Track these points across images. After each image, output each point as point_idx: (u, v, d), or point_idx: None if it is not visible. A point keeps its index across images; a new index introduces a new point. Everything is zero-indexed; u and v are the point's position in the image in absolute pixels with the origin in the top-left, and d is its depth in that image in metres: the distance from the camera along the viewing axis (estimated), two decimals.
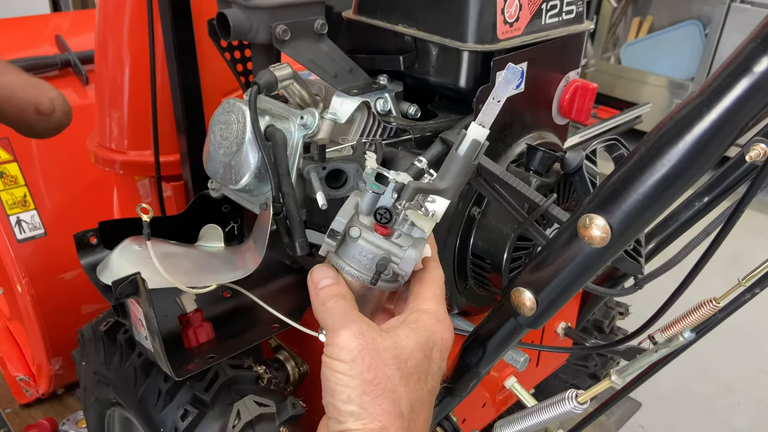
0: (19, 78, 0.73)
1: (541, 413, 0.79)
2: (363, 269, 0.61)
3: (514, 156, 0.99)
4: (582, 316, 1.34)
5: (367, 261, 0.61)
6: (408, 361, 0.59)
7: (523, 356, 1.04)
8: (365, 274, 0.61)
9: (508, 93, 0.58)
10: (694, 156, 0.51)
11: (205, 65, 1.29)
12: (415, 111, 1.02)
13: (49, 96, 0.73)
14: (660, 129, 0.53)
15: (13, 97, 0.71)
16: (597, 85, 1.05)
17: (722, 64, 0.50)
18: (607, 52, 4.55)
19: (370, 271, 0.61)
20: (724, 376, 2.47)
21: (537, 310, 0.66)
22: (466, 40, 0.90)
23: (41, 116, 0.72)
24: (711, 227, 0.93)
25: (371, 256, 0.60)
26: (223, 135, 0.93)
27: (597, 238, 0.57)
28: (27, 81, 0.73)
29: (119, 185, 1.69)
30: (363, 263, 0.61)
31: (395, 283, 0.62)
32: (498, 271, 0.95)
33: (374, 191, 0.60)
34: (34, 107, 0.72)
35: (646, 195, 0.54)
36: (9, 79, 0.72)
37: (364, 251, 0.60)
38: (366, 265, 0.61)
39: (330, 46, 1.01)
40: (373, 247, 0.60)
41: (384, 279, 0.61)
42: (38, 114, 0.72)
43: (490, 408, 1.17)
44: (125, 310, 0.98)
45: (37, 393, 1.94)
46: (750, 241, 3.13)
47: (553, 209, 0.81)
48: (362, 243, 0.60)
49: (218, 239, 1.08)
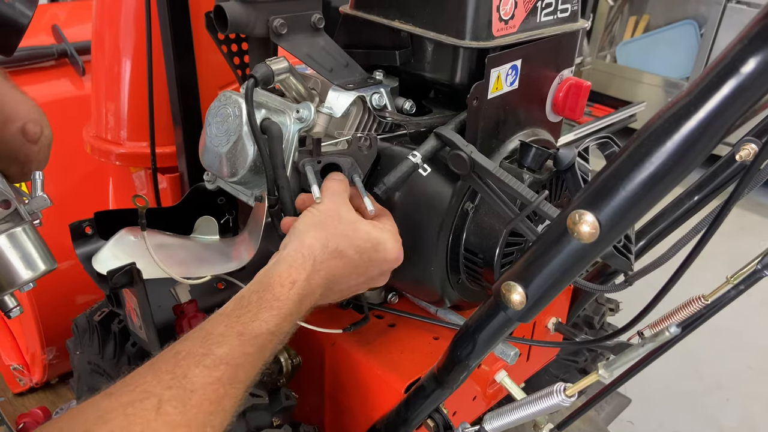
0: (11, 91, 0.70)
1: (529, 406, 0.80)
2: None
3: (508, 152, 1.00)
4: (572, 312, 1.35)
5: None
6: (348, 240, 0.80)
7: (513, 350, 1.05)
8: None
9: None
10: (681, 154, 0.52)
11: (202, 57, 1.29)
12: (411, 106, 1.03)
13: (39, 121, 0.71)
14: (648, 127, 0.54)
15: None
16: (591, 83, 1.06)
17: (710, 64, 0.51)
18: (603, 50, 4.56)
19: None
20: (713, 373, 2.49)
21: (526, 304, 0.67)
22: (461, 37, 0.91)
23: (27, 139, 0.69)
24: (701, 225, 0.94)
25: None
26: (219, 127, 0.94)
27: (586, 233, 0.58)
28: (18, 97, 0.70)
29: (115, 176, 1.69)
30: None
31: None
32: (490, 266, 0.96)
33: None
34: (21, 126, 0.69)
35: (635, 192, 0.55)
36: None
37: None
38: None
39: (327, 40, 1.02)
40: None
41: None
42: (24, 134, 0.69)
43: (480, 401, 1.18)
44: (119, 299, 0.99)
45: (30, 382, 1.95)
46: (742, 240, 3.15)
47: (545, 206, 0.82)
48: None
49: (213, 231, 1.09)
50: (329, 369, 1.13)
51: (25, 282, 0.70)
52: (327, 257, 0.78)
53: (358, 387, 1.09)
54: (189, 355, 0.65)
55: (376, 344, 1.09)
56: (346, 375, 1.10)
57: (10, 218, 0.68)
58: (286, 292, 0.73)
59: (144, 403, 0.60)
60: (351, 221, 0.82)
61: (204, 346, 0.66)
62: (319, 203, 0.83)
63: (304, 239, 0.78)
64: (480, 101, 0.91)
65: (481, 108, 0.91)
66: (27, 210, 0.70)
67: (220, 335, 0.68)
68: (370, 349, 1.08)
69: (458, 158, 0.88)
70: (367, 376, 1.06)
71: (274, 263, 0.77)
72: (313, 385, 1.17)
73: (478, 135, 0.93)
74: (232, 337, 0.68)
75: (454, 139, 0.89)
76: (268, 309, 0.72)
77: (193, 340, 0.68)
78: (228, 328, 0.69)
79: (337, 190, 0.86)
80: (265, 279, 0.75)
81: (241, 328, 0.69)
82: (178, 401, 0.61)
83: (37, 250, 0.70)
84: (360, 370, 1.07)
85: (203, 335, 0.68)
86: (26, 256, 0.69)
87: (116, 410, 0.59)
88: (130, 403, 0.59)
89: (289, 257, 0.77)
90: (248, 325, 0.69)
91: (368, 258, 0.83)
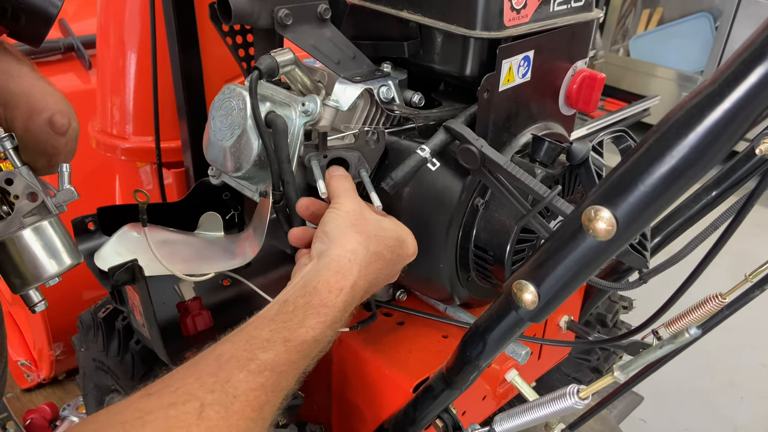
0: (39, 83, 0.69)
1: (541, 408, 0.78)
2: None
3: (519, 146, 0.98)
4: (585, 309, 1.32)
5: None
6: (382, 240, 0.79)
7: (524, 349, 1.03)
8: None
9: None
10: (704, 147, 0.49)
11: (208, 50, 1.27)
12: (419, 99, 1.00)
13: (66, 113, 0.69)
14: (669, 119, 0.51)
15: (28, 96, 0.67)
16: (605, 75, 1.03)
17: (736, 51, 0.48)
18: (616, 44, 4.51)
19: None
20: (726, 371, 2.46)
21: (539, 304, 0.64)
22: (472, 27, 0.88)
23: (54, 131, 0.68)
24: (718, 222, 0.91)
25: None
26: (223, 121, 0.92)
27: (602, 230, 0.55)
28: (46, 89, 0.69)
29: (121, 171, 1.67)
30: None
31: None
32: (501, 264, 0.93)
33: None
34: (48, 118, 0.67)
35: (654, 187, 0.52)
36: (26, 81, 0.68)
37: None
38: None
39: (333, 31, 0.99)
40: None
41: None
42: (51, 126, 0.67)
43: (490, 401, 1.16)
44: (123, 296, 0.97)
45: (38, 378, 1.94)
46: (756, 237, 3.11)
47: (558, 201, 0.79)
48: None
49: (218, 227, 1.07)
50: (336, 367, 1.11)
51: (51, 276, 0.68)
52: (370, 261, 0.77)
53: (365, 386, 1.07)
54: (233, 359, 0.63)
55: (384, 342, 1.07)
56: (353, 374, 1.09)
57: (36, 211, 0.67)
58: (333, 298, 0.72)
59: (186, 405, 0.58)
60: (376, 221, 0.81)
61: (248, 351, 0.64)
62: (341, 205, 0.80)
63: (346, 244, 0.76)
64: (491, 94, 0.88)
65: (492, 101, 0.89)
66: (54, 203, 0.68)
67: (266, 340, 0.66)
68: (377, 347, 1.06)
69: (468, 152, 0.85)
70: (375, 375, 1.05)
71: (320, 268, 0.74)
72: (320, 383, 1.15)
73: (488, 128, 0.91)
74: (278, 343, 0.66)
75: (464, 133, 0.86)
76: (315, 315, 0.70)
77: (236, 342, 0.66)
78: (274, 333, 0.67)
79: (349, 186, 0.84)
80: (312, 283, 0.72)
81: (287, 333, 0.67)
82: (221, 406, 0.59)
83: (63, 244, 0.69)
84: (367, 368, 1.05)
85: (246, 338, 0.66)
86: (52, 249, 0.67)
87: (157, 412, 0.57)
88: (172, 405, 0.58)
89: (335, 263, 0.74)
90: (294, 332, 0.68)
91: (397, 255, 0.82)
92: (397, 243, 0.82)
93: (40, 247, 0.67)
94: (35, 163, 0.69)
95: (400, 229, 0.84)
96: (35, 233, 0.66)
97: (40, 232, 0.67)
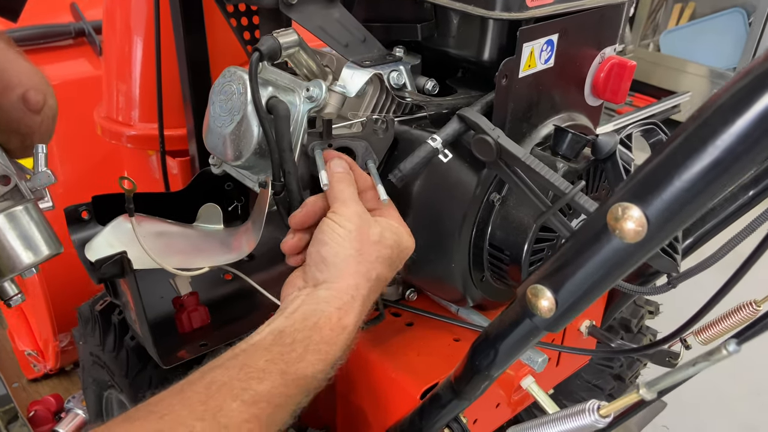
0: (14, 58, 0.64)
1: (557, 424, 0.71)
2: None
3: (540, 138, 0.91)
4: (608, 314, 1.25)
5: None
6: (385, 261, 0.75)
7: (541, 356, 0.97)
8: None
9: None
10: (754, 137, 0.42)
11: (215, 35, 1.22)
12: (433, 86, 0.94)
13: (42, 89, 0.64)
14: (713, 103, 0.44)
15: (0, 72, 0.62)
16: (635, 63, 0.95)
17: None
18: (646, 39, 4.39)
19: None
20: (752, 378, 2.38)
21: (556, 312, 0.57)
22: (491, 8, 0.82)
23: (28, 108, 0.63)
24: (755, 223, 0.84)
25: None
26: (222, 106, 0.86)
27: (630, 231, 0.48)
28: (22, 65, 0.64)
29: (129, 159, 1.63)
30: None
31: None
32: (517, 264, 0.87)
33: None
34: (22, 94, 0.62)
35: (692, 182, 0.45)
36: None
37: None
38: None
39: (342, 12, 0.93)
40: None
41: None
42: (25, 103, 0.63)
43: (505, 408, 1.10)
44: (117, 290, 0.93)
45: (45, 368, 1.92)
46: None
47: (581, 198, 0.73)
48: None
49: (217, 219, 1.02)
50: (341, 368, 1.05)
51: (26, 267, 0.63)
52: (372, 289, 0.74)
53: (370, 389, 1.02)
54: (225, 387, 0.60)
55: (391, 344, 1.02)
56: (358, 376, 1.03)
57: (9, 196, 0.62)
58: (335, 336, 0.69)
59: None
60: (377, 234, 0.75)
61: (242, 380, 0.62)
62: (341, 218, 0.74)
63: (349, 278, 0.72)
64: (510, 80, 0.82)
65: (511, 87, 0.82)
66: (29, 187, 0.63)
67: (261, 370, 0.63)
68: (384, 349, 1.01)
69: (483, 143, 0.79)
70: (381, 379, 0.99)
71: (319, 301, 0.71)
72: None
73: (507, 118, 0.84)
74: (274, 375, 0.64)
75: (479, 122, 0.80)
76: (316, 352, 0.67)
77: (228, 369, 0.63)
78: (270, 364, 0.64)
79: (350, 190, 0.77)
80: (312, 318, 0.69)
81: (284, 366, 0.65)
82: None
83: (40, 232, 0.63)
84: (374, 371, 1.00)
85: (239, 365, 0.63)
86: (27, 238, 0.62)
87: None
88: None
89: (337, 299, 0.71)
90: (293, 365, 0.65)
91: (396, 258, 0.78)
92: (397, 250, 0.78)
93: (14, 236, 0.62)
94: (8, 143, 0.64)
95: (398, 229, 0.79)
96: (8, 219, 0.61)
97: (13, 219, 0.62)
